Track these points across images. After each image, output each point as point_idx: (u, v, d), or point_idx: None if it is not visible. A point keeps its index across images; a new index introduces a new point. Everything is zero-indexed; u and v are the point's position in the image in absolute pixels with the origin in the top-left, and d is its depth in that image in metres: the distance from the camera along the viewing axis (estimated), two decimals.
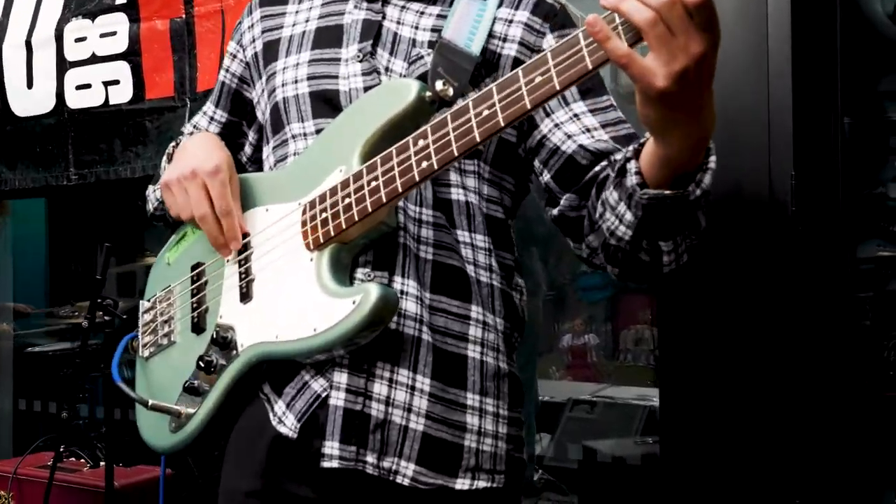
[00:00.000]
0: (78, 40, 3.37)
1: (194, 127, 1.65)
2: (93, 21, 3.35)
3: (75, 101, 3.38)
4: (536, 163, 1.40)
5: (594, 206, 1.26)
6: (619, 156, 1.24)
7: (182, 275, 1.50)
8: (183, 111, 3.19)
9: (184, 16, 3.20)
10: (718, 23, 0.98)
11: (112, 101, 3.31)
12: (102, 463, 3.07)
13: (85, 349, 2.82)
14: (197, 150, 1.44)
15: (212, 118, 1.63)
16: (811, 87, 2.33)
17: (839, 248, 2.68)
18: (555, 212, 1.37)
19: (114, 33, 3.30)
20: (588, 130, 1.35)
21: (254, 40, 1.56)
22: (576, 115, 1.37)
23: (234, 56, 1.60)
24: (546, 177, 1.38)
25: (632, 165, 1.13)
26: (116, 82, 3.30)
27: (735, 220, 2.28)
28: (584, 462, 3.66)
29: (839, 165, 2.68)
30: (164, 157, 1.57)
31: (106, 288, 5.64)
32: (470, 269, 1.36)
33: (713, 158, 1.11)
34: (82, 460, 3.23)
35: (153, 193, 1.62)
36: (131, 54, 3.26)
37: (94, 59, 3.33)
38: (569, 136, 1.35)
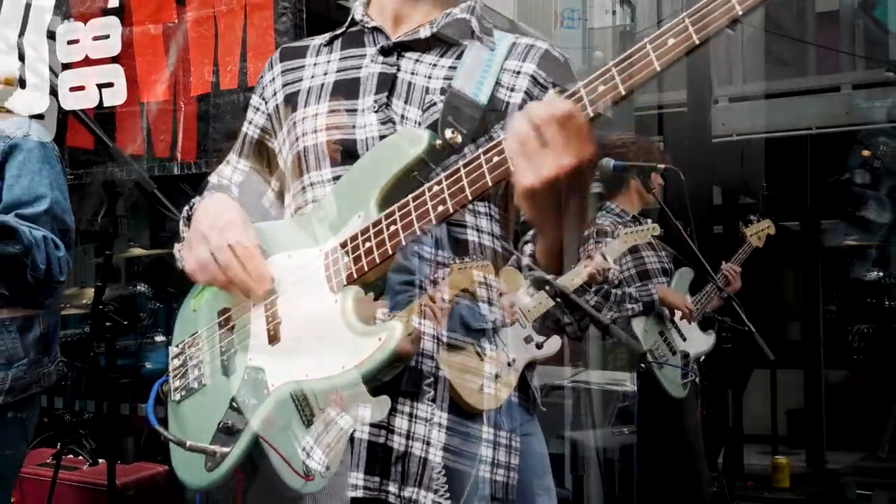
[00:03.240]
0: (70, 42, 3.39)
1: (219, 176, 1.74)
2: (84, 24, 3.37)
3: (69, 102, 3.40)
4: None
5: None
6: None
7: (208, 320, 1.58)
8: (178, 116, 3.24)
9: (176, 20, 3.24)
10: (589, 144, 1.18)
11: (106, 104, 3.35)
12: (101, 460, 3.15)
13: (87, 360, 2.89)
14: (212, 210, 1.53)
15: (235, 167, 1.72)
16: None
17: (811, 244, 2.81)
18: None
19: (107, 37, 3.33)
20: None
21: (275, 93, 1.65)
22: None
23: (257, 109, 1.69)
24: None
25: (528, 248, 1.36)
26: (110, 85, 3.33)
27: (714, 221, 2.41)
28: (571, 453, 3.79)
29: (808, 179, 2.82)
30: (182, 221, 1.65)
31: (88, 277, 5.63)
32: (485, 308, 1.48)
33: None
34: (80, 457, 3.28)
35: (179, 253, 1.68)
36: (125, 58, 3.29)
37: (87, 62, 3.36)
38: None
